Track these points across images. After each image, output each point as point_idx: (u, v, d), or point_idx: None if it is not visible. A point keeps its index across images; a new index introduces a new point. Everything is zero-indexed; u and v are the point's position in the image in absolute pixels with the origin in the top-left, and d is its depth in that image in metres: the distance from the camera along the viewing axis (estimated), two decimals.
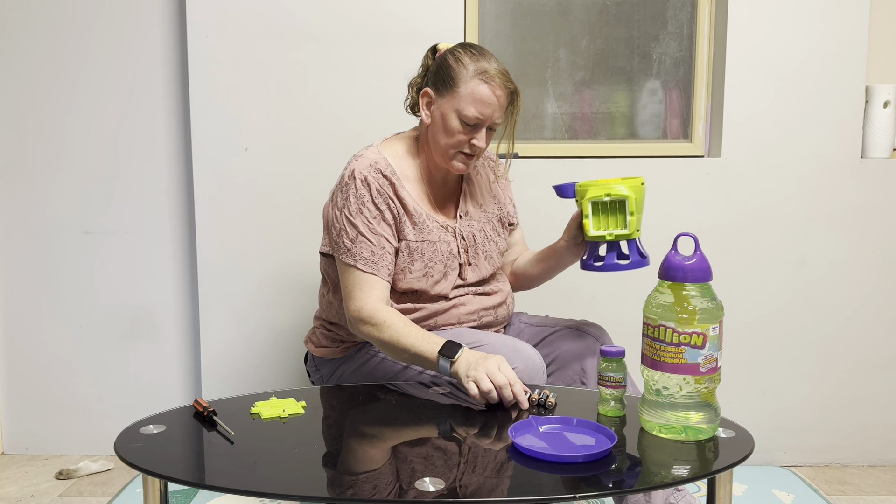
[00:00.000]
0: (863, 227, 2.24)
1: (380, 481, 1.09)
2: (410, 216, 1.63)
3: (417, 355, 1.51)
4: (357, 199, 1.59)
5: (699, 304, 1.22)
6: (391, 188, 1.61)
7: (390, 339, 1.52)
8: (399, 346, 1.52)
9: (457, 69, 1.59)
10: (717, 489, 1.23)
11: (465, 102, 1.57)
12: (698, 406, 1.24)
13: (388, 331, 1.53)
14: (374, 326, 1.54)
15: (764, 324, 2.27)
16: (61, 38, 2.26)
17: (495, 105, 1.58)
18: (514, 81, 1.61)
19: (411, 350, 1.51)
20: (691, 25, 2.30)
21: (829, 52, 2.18)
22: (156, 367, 2.38)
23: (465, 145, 1.61)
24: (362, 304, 1.56)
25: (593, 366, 1.61)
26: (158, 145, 2.30)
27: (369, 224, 1.59)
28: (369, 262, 1.58)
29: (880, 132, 2.22)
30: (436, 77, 1.62)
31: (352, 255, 1.58)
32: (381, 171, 1.61)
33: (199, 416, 1.35)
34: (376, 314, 1.55)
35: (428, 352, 1.49)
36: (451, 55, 1.61)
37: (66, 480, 2.21)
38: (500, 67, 1.59)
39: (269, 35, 2.16)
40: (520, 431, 1.26)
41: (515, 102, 1.63)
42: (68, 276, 2.35)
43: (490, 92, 1.57)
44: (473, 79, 1.57)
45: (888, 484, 2.20)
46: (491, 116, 1.59)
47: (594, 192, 1.54)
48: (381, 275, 1.58)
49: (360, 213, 1.59)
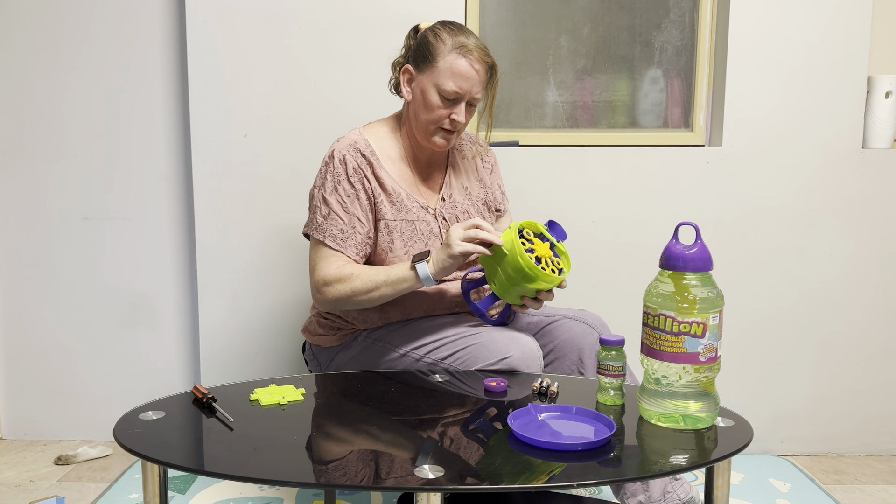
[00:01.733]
0: (863, 218, 2.24)
1: (379, 468, 1.09)
2: (388, 195, 1.64)
3: (392, 281, 1.55)
4: (333, 178, 1.62)
5: (699, 294, 1.22)
6: (369, 167, 1.63)
7: (362, 283, 1.56)
8: (372, 283, 1.55)
9: (436, 45, 1.60)
10: (716, 478, 1.23)
11: (443, 77, 1.58)
12: (697, 395, 1.24)
13: (357, 278, 1.57)
14: (342, 282, 1.57)
15: (763, 314, 2.27)
16: (59, 22, 2.24)
17: (474, 79, 1.59)
18: (492, 56, 1.63)
19: (385, 280, 1.55)
20: (693, 14, 2.28)
21: (831, 42, 2.17)
22: (155, 353, 2.38)
23: (444, 120, 1.62)
24: (326, 270, 1.59)
25: (592, 355, 1.61)
26: (157, 131, 2.29)
27: (343, 203, 1.61)
28: (338, 239, 1.60)
29: (882, 122, 2.21)
30: (416, 54, 1.64)
31: (321, 231, 1.61)
32: (360, 150, 1.63)
33: (199, 403, 1.35)
34: (341, 270, 1.58)
35: (400, 270, 1.55)
36: (431, 32, 1.63)
37: (65, 466, 2.22)
38: (479, 42, 1.61)
39: (269, 21, 2.15)
40: (519, 419, 1.26)
41: (494, 77, 1.64)
42: (67, 263, 2.34)
43: (468, 66, 1.58)
44: (451, 53, 1.58)
45: (884, 474, 2.21)
46: (470, 91, 1.60)
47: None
48: (347, 252, 1.61)
49: (334, 192, 1.61)
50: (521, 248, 1.47)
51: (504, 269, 1.50)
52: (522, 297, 1.55)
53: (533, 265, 1.47)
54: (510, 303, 1.56)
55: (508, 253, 1.48)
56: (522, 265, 1.46)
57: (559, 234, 1.59)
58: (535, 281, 1.48)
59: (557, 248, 1.59)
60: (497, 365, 1.51)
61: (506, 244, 1.49)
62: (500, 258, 1.50)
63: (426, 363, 1.59)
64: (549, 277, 1.49)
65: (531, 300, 1.55)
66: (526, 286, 1.50)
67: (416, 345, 1.61)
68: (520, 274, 1.48)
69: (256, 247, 2.24)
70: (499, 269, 1.50)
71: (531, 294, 1.54)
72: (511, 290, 1.52)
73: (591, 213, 2.23)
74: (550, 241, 1.57)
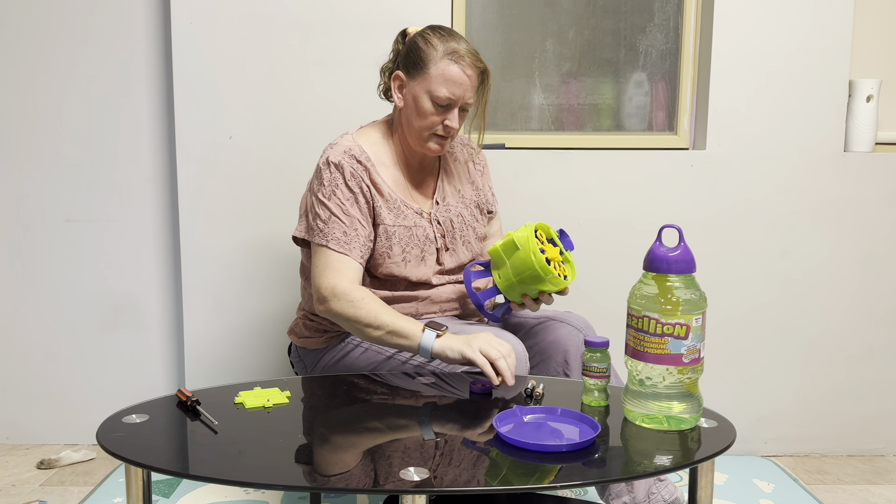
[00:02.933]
0: (845, 220, 2.26)
1: (364, 471, 1.09)
2: (386, 201, 1.63)
3: (394, 330, 1.49)
4: (331, 183, 1.60)
5: (683, 296, 1.23)
6: (366, 173, 1.62)
7: (367, 314, 1.51)
8: (375, 321, 1.50)
9: (426, 51, 1.59)
10: (699, 478, 1.24)
11: (436, 83, 1.58)
12: (681, 396, 1.25)
13: (364, 307, 1.52)
14: (349, 302, 1.53)
15: (746, 315, 2.29)
16: (43, 23, 2.23)
17: (466, 85, 1.59)
18: (483, 61, 1.62)
19: (388, 324, 1.50)
20: (678, 18, 2.30)
21: (814, 46, 2.19)
22: (139, 356, 2.37)
23: (438, 126, 1.61)
24: (337, 282, 1.55)
25: (577, 356, 1.62)
26: (142, 132, 2.28)
27: (342, 206, 1.59)
28: (341, 242, 1.58)
29: (863, 126, 2.23)
30: (406, 60, 1.63)
31: (324, 235, 1.59)
32: (356, 157, 1.62)
33: (183, 406, 1.35)
34: (353, 291, 1.55)
35: (408, 325, 1.49)
36: (421, 37, 1.62)
37: (48, 470, 2.20)
38: (470, 48, 1.60)
39: (255, 22, 2.14)
40: (504, 421, 1.26)
41: (486, 82, 1.64)
42: (50, 265, 2.32)
43: (461, 72, 1.58)
44: (443, 59, 1.58)
45: (866, 473, 2.23)
46: (462, 96, 1.59)
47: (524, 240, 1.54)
48: (353, 255, 1.58)
49: (333, 196, 1.60)
50: (536, 246, 1.49)
51: (514, 265, 1.51)
52: (523, 296, 1.56)
53: (544, 265, 1.48)
54: (511, 299, 1.57)
55: (521, 248, 1.49)
56: (534, 263, 1.48)
57: (567, 244, 1.62)
58: (543, 282, 1.50)
59: (564, 256, 1.60)
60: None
61: (520, 240, 1.50)
62: (511, 252, 1.51)
63: (412, 365, 1.59)
64: (556, 280, 1.51)
65: (531, 300, 1.56)
66: (531, 286, 1.51)
67: None
68: (529, 272, 1.49)
69: (242, 248, 2.23)
70: (508, 263, 1.52)
71: (534, 294, 1.55)
72: (516, 287, 1.53)
73: (576, 215, 2.24)
74: (560, 248, 1.59)
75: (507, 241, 1.53)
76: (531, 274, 1.49)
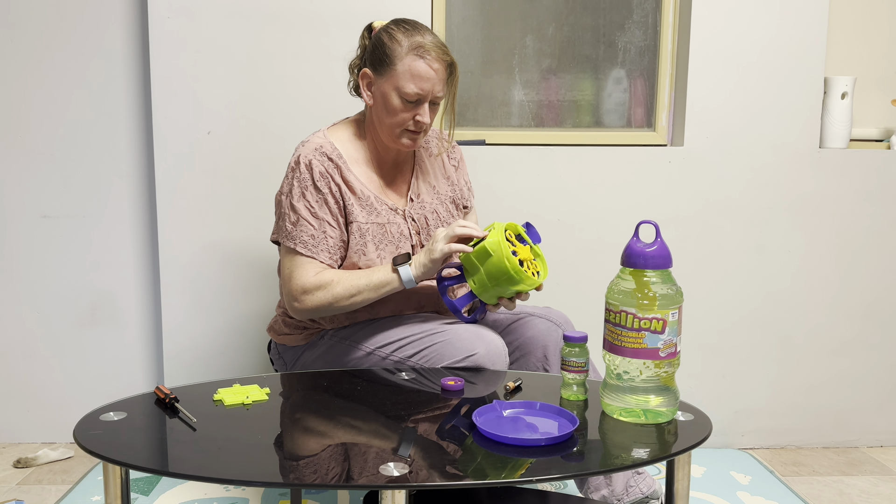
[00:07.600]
0: (819, 216, 2.30)
1: (344, 467, 1.09)
2: (358, 198, 1.63)
3: (374, 285, 1.56)
4: (300, 184, 1.60)
5: (659, 291, 1.24)
6: (337, 171, 1.61)
7: (344, 289, 1.56)
8: (354, 288, 1.56)
9: (392, 47, 1.58)
10: (676, 471, 1.26)
11: (403, 80, 1.57)
12: (658, 390, 1.26)
13: (338, 284, 1.57)
14: (322, 289, 1.56)
15: (723, 310, 2.32)
16: (18, 17, 2.19)
17: (434, 79, 1.58)
18: (450, 53, 1.62)
19: (367, 284, 1.56)
20: (656, 15, 2.32)
21: (790, 43, 2.22)
22: (117, 353, 2.35)
23: (409, 122, 1.61)
24: (304, 280, 1.58)
25: (557, 352, 1.63)
26: (118, 128, 2.26)
27: (311, 208, 1.59)
28: (308, 245, 1.58)
29: (838, 123, 2.27)
30: (373, 57, 1.62)
31: (292, 238, 1.59)
32: (328, 154, 1.62)
33: (161, 403, 1.34)
34: (320, 277, 1.57)
35: (382, 274, 1.57)
36: (385, 33, 1.61)
37: (25, 469, 2.18)
38: (436, 40, 1.59)
39: (233, 16, 2.13)
40: (483, 415, 1.27)
41: (454, 74, 1.63)
42: (26, 261, 2.29)
43: (427, 66, 1.57)
44: (409, 55, 1.57)
45: (840, 465, 2.27)
46: (431, 90, 1.59)
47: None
48: (320, 258, 1.59)
49: (302, 198, 1.59)
50: (508, 251, 1.48)
51: (487, 270, 1.50)
52: (499, 298, 1.56)
53: (519, 268, 1.48)
54: (487, 302, 1.57)
55: (494, 254, 1.48)
56: (508, 268, 1.47)
57: (535, 236, 1.60)
58: (518, 283, 1.50)
59: (534, 251, 1.60)
60: (463, 362, 1.52)
61: (492, 246, 1.49)
62: (484, 258, 1.50)
63: (392, 361, 1.59)
64: (531, 280, 1.51)
65: (507, 300, 1.57)
66: (507, 288, 1.51)
67: (383, 343, 1.61)
68: (504, 276, 1.49)
69: (220, 245, 2.22)
70: (481, 268, 1.51)
71: (509, 295, 1.55)
72: (491, 290, 1.53)
73: (555, 211, 2.25)
74: (528, 244, 1.59)
75: (479, 248, 1.52)
76: (506, 278, 1.49)
